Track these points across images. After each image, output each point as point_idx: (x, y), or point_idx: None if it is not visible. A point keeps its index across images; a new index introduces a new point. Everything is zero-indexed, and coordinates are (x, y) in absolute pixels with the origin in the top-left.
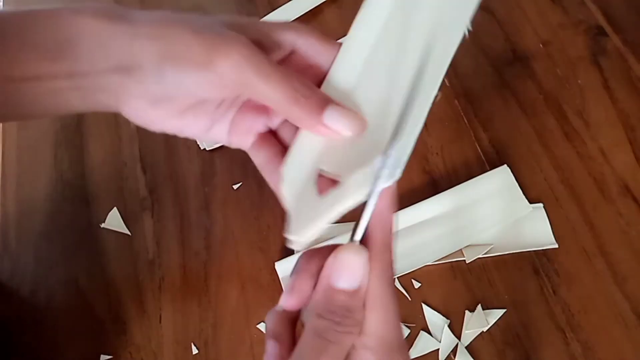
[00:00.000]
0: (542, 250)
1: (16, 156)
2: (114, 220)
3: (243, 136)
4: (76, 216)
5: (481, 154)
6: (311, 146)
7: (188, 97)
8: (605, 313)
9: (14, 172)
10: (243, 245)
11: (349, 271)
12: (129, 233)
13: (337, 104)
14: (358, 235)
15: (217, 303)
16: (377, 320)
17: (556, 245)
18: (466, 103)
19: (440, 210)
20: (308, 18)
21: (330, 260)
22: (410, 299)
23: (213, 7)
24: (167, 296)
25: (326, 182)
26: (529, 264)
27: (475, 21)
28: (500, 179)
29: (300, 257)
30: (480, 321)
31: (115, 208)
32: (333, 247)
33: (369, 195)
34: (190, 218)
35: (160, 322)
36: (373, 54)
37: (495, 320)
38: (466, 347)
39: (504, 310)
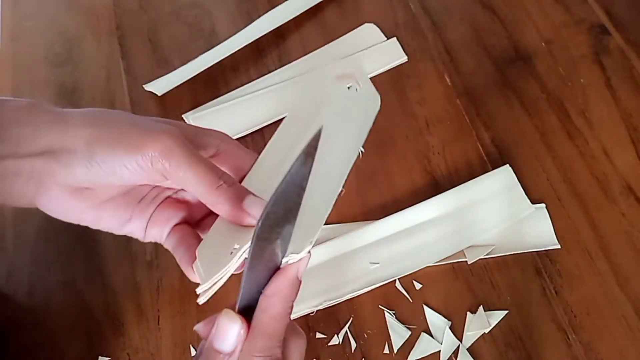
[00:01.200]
0: (545, 251)
1: None
2: None
3: (159, 230)
4: None
5: (483, 153)
6: (226, 231)
7: (114, 182)
8: (607, 314)
9: None
10: None
11: (223, 335)
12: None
13: (255, 195)
14: (239, 301)
15: (216, 305)
16: None
17: (559, 246)
18: (468, 102)
19: (441, 210)
20: (308, 16)
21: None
22: (411, 300)
23: (213, 5)
24: (165, 298)
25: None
26: (531, 264)
27: (477, 19)
28: (503, 179)
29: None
30: (482, 323)
31: None
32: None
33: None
34: None
35: (158, 323)
36: (282, 163)
37: (497, 322)
38: (467, 349)
39: (506, 311)
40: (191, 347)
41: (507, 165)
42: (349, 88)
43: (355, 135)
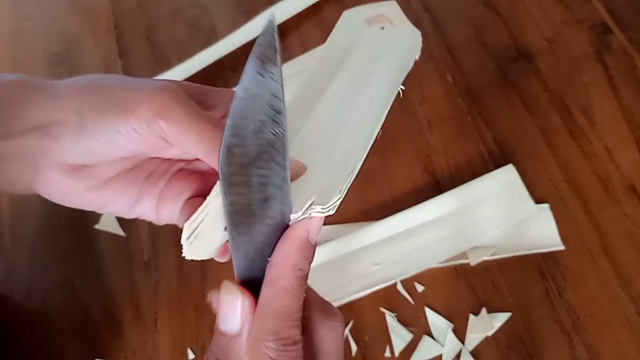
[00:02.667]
0: (548, 252)
1: None
2: (108, 222)
3: (171, 207)
4: (71, 217)
5: (485, 153)
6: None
7: (111, 154)
8: (610, 316)
9: None
10: None
11: (226, 313)
12: (124, 234)
13: None
14: (235, 270)
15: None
16: None
17: (562, 247)
18: (470, 101)
19: (443, 211)
20: (308, 14)
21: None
22: (413, 302)
23: (212, 4)
24: (163, 299)
25: None
26: (535, 266)
27: (478, 18)
28: (505, 178)
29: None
30: (484, 325)
31: None
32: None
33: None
34: None
35: (156, 325)
36: (304, 123)
37: (500, 324)
38: (470, 352)
39: (509, 314)
40: (189, 350)
41: (510, 164)
42: (382, 29)
43: (393, 75)
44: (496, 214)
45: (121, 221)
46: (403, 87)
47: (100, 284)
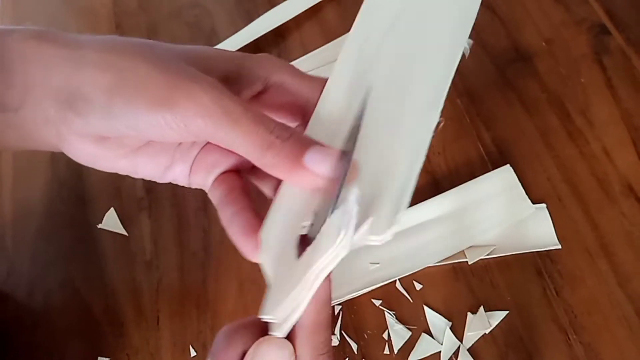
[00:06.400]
0: (545, 251)
1: (13, 155)
2: (110, 221)
3: (205, 175)
4: (73, 216)
5: (484, 153)
6: (294, 202)
7: (139, 138)
8: (608, 315)
9: (11, 172)
10: None
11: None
12: (126, 234)
13: (321, 144)
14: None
15: (216, 305)
16: None
17: (559, 246)
18: (468, 102)
19: (442, 210)
20: (308, 16)
21: (251, 353)
22: (411, 300)
23: (212, 5)
24: (164, 298)
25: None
26: (532, 265)
27: (476, 19)
28: (503, 179)
29: (219, 335)
30: (482, 323)
31: (112, 208)
32: (257, 325)
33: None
34: (188, 218)
35: (157, 324)
36: (357, 93)
37: (497, 323)
38: (468, 350)
39: (507, 312)
40: (190, 348)
41: (508, 165)
42: None
43: (451, 38)
44: (494, 214)
45: (123, 221)
46: (470, 42)
47: (102, 283)
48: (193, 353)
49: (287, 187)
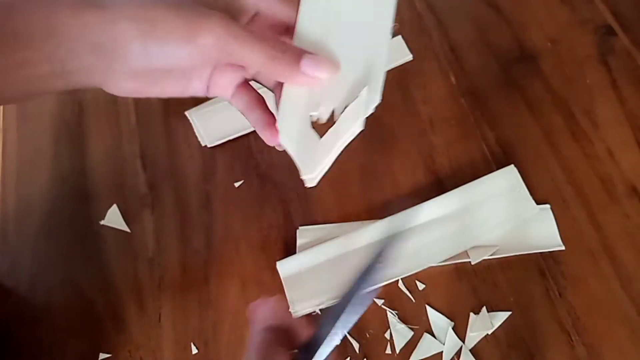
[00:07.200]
0: (549, 252)
1: (16, 152)
2: (113, 218)
3: (223, 89)
4: (76, 213)
5: (488, 153)
6: (297, 97)
7: (167, 69)
8: (610, 316)
9: (14, 168)
10: (244, 244)
11: None
12: (128, 230)
13: (311, 53)
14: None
15: (217, 302)
16: None
17: (563, 247)
18: (473, 101)
19: (445, 210)
20: None
21: None
22: (414, 300)
23: None
24: (166, 295)
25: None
26: (535, 265)
27: (482, 18)
28: (507, 179)
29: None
30: (484, 324)
31: (115, 205)
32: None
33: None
34: (190, 216)
35: (159, 320)
36: (328, 8)
37: (500, 323)
38: (470, 350)
39: (509, 312)
40: (192, 345)
41: (512, 165)
42: None
43: None
44: (498, 214)
45: (126, 217)
46: None
47: (104, 280)
48: (194, 350)
49: (289, 87)
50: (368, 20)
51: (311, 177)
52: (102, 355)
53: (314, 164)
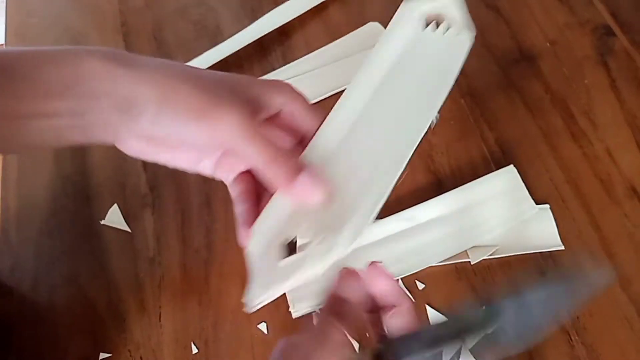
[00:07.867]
0: (548, 252)
1: None
2: (114, 217)
3: (226, 173)
4: (77, 212)
5: (487, 153)
6: (282, 209)
7: (178, 140)
8: (610, 316)
9: (15, 168)
10: None
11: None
12: (129, 230)
13: (312, 172)
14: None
15: (218, 302)
16: None
17: (562, 247)
18: (472, 102)
19: (444, 210)
20: (312, 15)
21: None
22: (413, 300)
23: (217, 3)
24: (167, 294)
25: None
26: (535, 266)
27: (481, 19)
28: (506, 179)
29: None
30: None
31: (115, 205)
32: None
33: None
34: (191, 215)
35: (160, 320)
36: (355, 128)
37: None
38: (470, 350)
39: None
40: (192, 344)
41: (512, 165)
42: (436, 29)
43: (432, 94)
44: (497, 214)
45: (127, 217)
46: (438, 116)
47: (105, 279)
48: (195, 350)
49: (279, 196)
50: (385, 154)
51: (252, 304)
52: (102, 355)
53: (262, 289)
